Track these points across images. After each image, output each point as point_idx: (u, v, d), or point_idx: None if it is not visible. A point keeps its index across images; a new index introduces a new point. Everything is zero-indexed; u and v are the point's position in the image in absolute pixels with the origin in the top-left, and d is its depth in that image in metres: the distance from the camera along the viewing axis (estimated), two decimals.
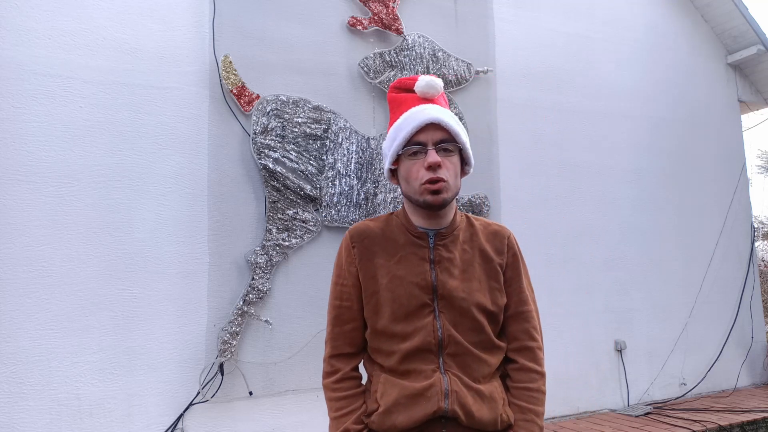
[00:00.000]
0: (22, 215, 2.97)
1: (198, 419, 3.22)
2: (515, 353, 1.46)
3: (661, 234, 4.92)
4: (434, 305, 1.40)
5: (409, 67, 3.94)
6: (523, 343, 1.46)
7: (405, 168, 1.42)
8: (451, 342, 1.38)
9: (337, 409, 1.43)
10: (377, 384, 1.42)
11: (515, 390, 1.43)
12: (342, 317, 1.47)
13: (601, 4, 4.95)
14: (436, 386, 1.35)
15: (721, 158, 5.37)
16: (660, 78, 5.15)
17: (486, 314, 1.42)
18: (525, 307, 1.49)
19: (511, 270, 1.50)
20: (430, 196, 1.38)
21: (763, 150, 16.40)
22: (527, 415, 1.40)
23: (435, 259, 1.43)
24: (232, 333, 3.28)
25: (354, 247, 1.47)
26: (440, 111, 1.42)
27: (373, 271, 1.44)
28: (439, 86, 1.47)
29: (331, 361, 1.47)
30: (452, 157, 1.42)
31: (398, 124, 1.43)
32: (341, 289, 1.48)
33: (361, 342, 1.48)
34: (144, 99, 3.29)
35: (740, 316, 5.18)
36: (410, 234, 1.46)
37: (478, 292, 1.42)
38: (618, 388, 4.53)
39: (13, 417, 2.86)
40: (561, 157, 4.56)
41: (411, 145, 1.40)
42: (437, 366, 1.38)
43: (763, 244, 10.74)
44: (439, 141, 1.40)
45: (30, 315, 2.93)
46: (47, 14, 3.12)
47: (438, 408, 1.33)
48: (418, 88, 1.46)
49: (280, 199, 3.50)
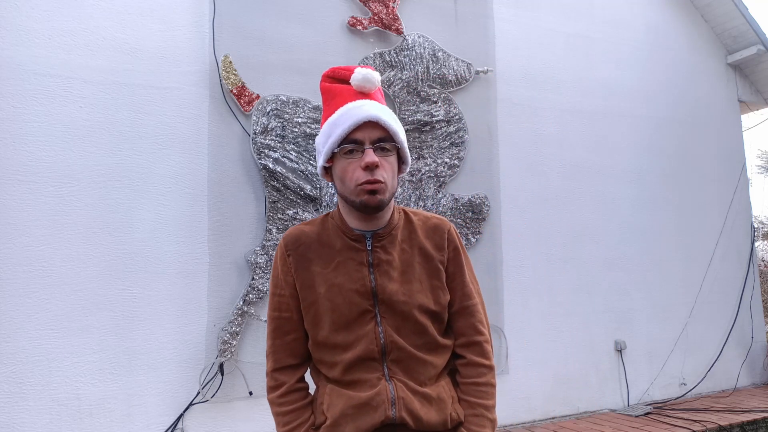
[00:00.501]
0: (22, 215, 2.97)
1: (198, 419, 3.22)
2: (462, 349, 1.43)
3: (661, 234, 4.92)
4: (375, 311, 1.36)
5: (409, 67, 3.94)
6: (469, 338, 1.43)
7: (340, 167, 1.35)
8: (394, 348, 1.35)
9: (284, 423, 1.38)
10: (323, 395, 1.38)
11: (464, 386, 1.41)
12: (282, 328, 1.42)
13: (601, 4, 4.95)
14: (382, 394, 1.32)
15: (721, 158, 5.36)
16: (660, 78, 5.15)
17: (429, 315, 1.38)
18: (469, 301, 1.44)
19: (453, 265, 1.44)
20: (366, 196, 1.31)
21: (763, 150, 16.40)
22: (477, 409, 1.38)
23: (374, 262, 1.38)
24: (232, 333, 3.28)
25: (289, 256, 1.40)
26: (378, 108, 1.35)
27: (310, 280, 1.38)
28: (376, 80, 1.39)
29: (275, 375, 1.42)
30: (390, 156, 1.36)
31: (333, 120, 1.35)
32: (279, 300, 1.42)
33: (304, 352, 1.43)
34: (144, 99, 3.29)
35: (740, 316, 5.18)
36: (347, 237, 1.40)
37: (419, 294, 1.38)
38: (618, 388, 4.53)
39: (13, 417, 2.86)
40: (561, 157, 4.56)
41: (347, 143, 1.33)
42: (382, 373, 1.34)
43: (763, 244, 10.73)
44: (377, 140, 1.33)
45: (30, 315, 2.93)
46: (47, 14, 3.12)
47: (386, 417, 1.30)
48: (354, 82, 1.38)
49: (280, 199, 3.50)
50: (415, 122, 3.89)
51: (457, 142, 4.06)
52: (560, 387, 4.28)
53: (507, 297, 4.14)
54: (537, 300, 4.29)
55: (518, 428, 3.99)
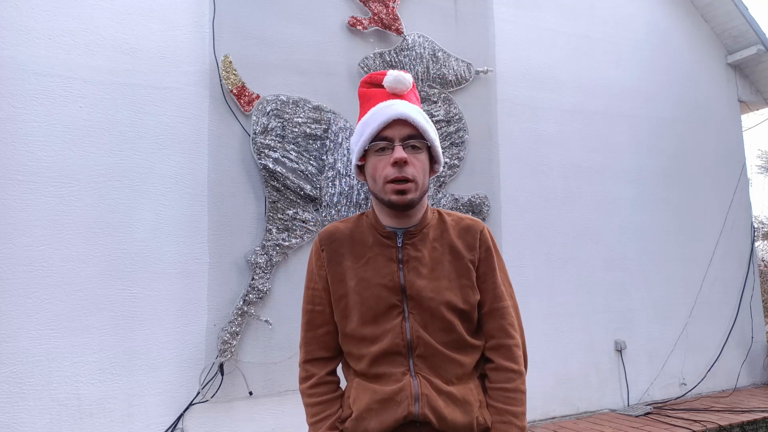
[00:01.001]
0: (22, 215, 2.97)
1: (198, 419, 3.22)
2: (491, 352, 1.42)
3: (661, 234, 4.92)
4: (403, 306, 1.38)
5: (409, 67, 3.94)
6: (498, 340, 1.41)
7: (371, 164, 1.39)
8: (420, 343, 1.36)
9: (313, 414, 1.42)
10: (350, 389, 1.41)
11: (492, 391, 1.39)
12: (314, 321, 1.46)
13: (601, 4, 4.95)
14: (406, 390, 1.33)
15: (721, 158, 5.37)
16: (660, 78, 5.15)
17: (457, 313, 1.38)
18: (500, 303, 1.43)
19: (485, 266, 1.45)
20: (395, 196, 1.35)
21: (763, 150, 16.40)
22: (504, 416, 1.35)
23: (403, 258, 1.40)
24: (232, 333, 3.28)
25: (323, 251, 1.45)
26: (408, 107, 1.39)
27: (341, 274, 1.42)
28: (407, 81, 1.44)
29: (306, 366, 1.47)
30: (420, 154, 1.39)
31: (365, 120, 1.40)
32: (312, 293, 1.47)
33: (336, 345, 1.47)
34: (144, 99, 3.29)
35: (740, 316, 5.18)
36: (378, 234, 1.43)
37: (447, 291, 1.38)
38: (618, 388, 4.53)
39: (13, 417, 2.86)
40: (561, 157, 4.56)
41: (377, 140, 1.37)
42: (407, 369, 1.35)
43: (763, 244, 10.73)
44: (406, 137, 1.37)
45: (30, 315, 2.93)
46: (47, 14, 3.12)
47: (408, 413, 1.31)
48: (386, 83, 1.43)
49: (280, 199, 3.50)
50: None
51: (457, 142, 4.06)
52: (560, 387, 4.28)
53: None
54: (537, 300, 4.29)
55: None
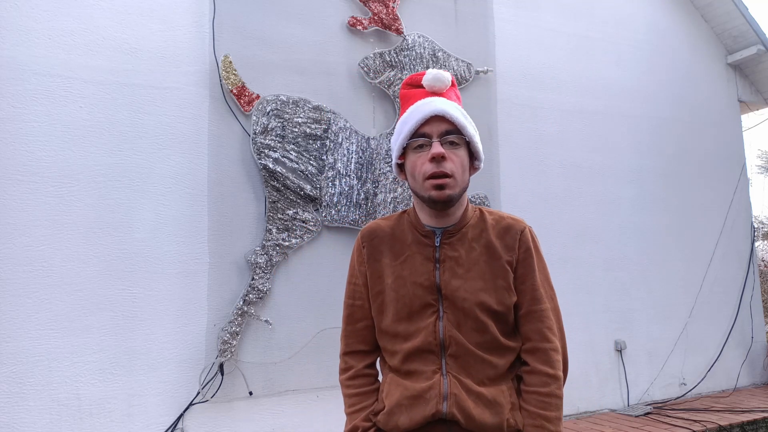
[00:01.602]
0: (22, 215, 2.97)
1: (198, 419, 3.22)
2: (527, 354, 1.41)
3: (661, 234, 4.92)
4: (438, 305, 1.39)
5: (409, 67, 3.94)
6: (534, 344, 1.41)
7: (410, 162, 1.41)
8: (453, 343, 1.36)
9: (350, 405, 1.46)
10: (384, 383, 1.44)
11: (526, 394, 1.38)
12: (354, 315, 1.50)
13: (601, 4, 4.95)
14: (435, 388, 1.34)
15: (721, 158, 5.36)
16: (660, 78, 5.15)
17: (491, 314, 1.38)
18: (539, 305, 1.42)
19: (524, 267, 1.44)
20: (434, 191, 1.36)
21: (763, 150, 16.39)
22: (536, 420, 1.34)
23: (440, 258, 1.41)
24: (232, 333, 3.28)
25: (364, 247, 1.49)
26: (445, 103, 1.40)
27: (380, 270, 1.45)
28: (446, 79, 1.45)
29: (345, 358, 1.51)
30: (458, 150, 1.39)
31: (404, 118, 1.43)
32: (353, 288, 1.51)
33: (374, 340, 1.50)
34: (144, 99, 3.29)
35: (740, 316, 5.18)
36: (417, 232, 1.45)
37: (482, 291, 1.38)
38: (618, 388, 4.53)
39: (13, 417, 2.86)
40: (561, 157, 4.56)
41: (416, 137, 1.39)
42: (439, 367, 1.36)
43: (763, 244, 10.73)
44: (444, 133, 1.38)
45: (30, 315, 2.93)
46: (47, 14, 3.12)
47: (436, 411, 1.32)
48: (425, 82, 1.46)
49: (280, 199, 3.50)
50: None
51: None
52: None
53: None
54: None
55: None
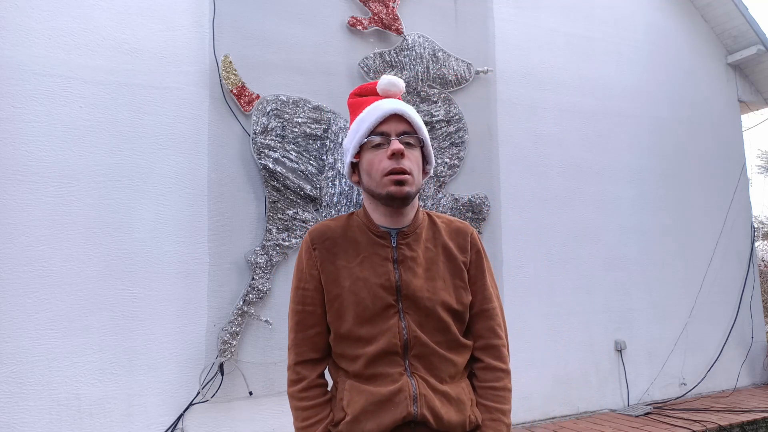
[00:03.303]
0: (22, 215, 2.97)
1: (198, 419, 3.22)
2: (480, 352, 1.44)
3: (661, 234, 4.92)
4: (399, 306, 1.38)
5: (409, 67, 3.94)
6: (488, 341, 1.44)
7: (367, 160, 1.40)
8: (417, 343, 1.36)
9: (303, 419, 1.38)
10: (342, 391, 1.37)
11: (481, 390, 1.42)
12: (305, 322, 1.42)
13: (601, 4, 4.95)
14: (405, 391, 1.32)
15: (721, 158, 5.36)
16: (660, 78, 5.15)
17: (451, 313, 1.40)
18: (489, 304, 1.47)
19: (475, 268, 1.48)
20: (393, 187, 1.34)
21: (763, 150, 16.39)
22: (494, 414, 1.39)
23: (398, 258, 1.40)
24: (232, 333, 3.28)
25: (315, 250, 1.42)
26: (403, 104, 1.42)
27: (335, 273, 1.40)
28: (400, 85, 1.47)
29: (296, 369, 1.42)
30: (414, 150, 1.41)
31: (361, 117, 1.42)
32: (303, 293, 1.43)
33: (326, 347, 1.44)
34: (144, 99, 3.29)
35: (740, 316, 5.18)
36: (372, 233, 1.42)
37: (442, 291, 1.40)
38: (618, 388, 4.53)
39: (13, 417, 2.86)
40: (561, 157, 4.56)
41: (374, 135, 1.39)
42: (403, 369, 1.35)
43: (763, 244, 10.73)
44: (402, 132, 1.39)
45: (30, 315, 2.93)
46: (47, 14, 3.12)
47: (407, 413, 1.30)
48: (380, 86, 1.47)
49: (280, 199, 3.50)
50: None
51: (457, 142, 4.06)
52: (560, 387, 4.28)
53: (507, 297, 4.13)
54: (537, 300, 4.29)
55: (518, 428, 3.99)
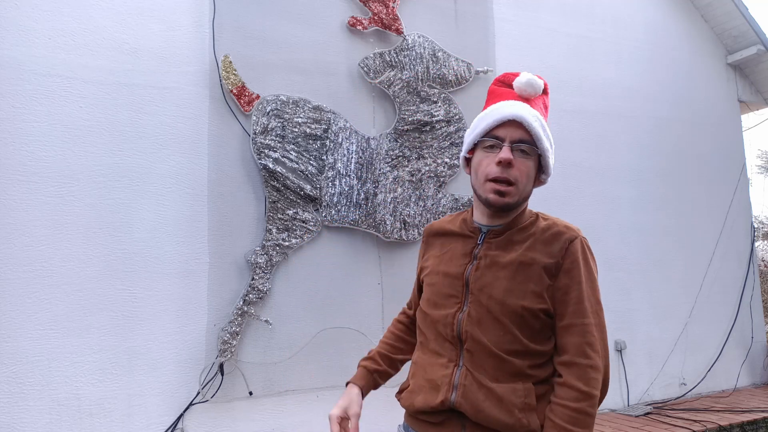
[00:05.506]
0: (22, 215, 2.97)
1: (198, 419, 3.22)
2: (561, 366, 1.35)
3: (661, 234, 4.92)
4: (462, 299, 1.41)
5: (409, 67, 3.94)
6: (571, 357, 1.33)
7: (477, 159, 1.42)
8: (469, 338, 1.37)
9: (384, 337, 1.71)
10: (412, 363, 1.54)
11: (554, 405, 1.32)
12: (413, 298, 1.72)
13: (601, 4, 4.95)
14: (448, 377, 1.37)
15: (721, 158, 5.36)
16: (660, 78, 5.15)
17: (516, 316, 1.35)
18: (582, 319, 1.35)
19: (568, 277, 1.37)
20: (492, 195, 1.37)
21: (763, 150, 16.38)
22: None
23: (478, 255, 1.43)
24: (232, 333, 3.28)
25: (424, 242, 1.64)
26: (526, 110, 1.37)
27: (428, 261, 1.56)
28: (538, 86, 1.43)
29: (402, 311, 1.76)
30: (527, 160, 1.37)
31: (482, 115, 1.43)
32: (418, 272, 1.66)
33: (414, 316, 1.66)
34: (144, 99, 3.29)
35: (740, 316, 5.18)
36: (466, 228, 1.51)
37: (510, 293, 1.36)
38: (618, 388, 4.52)
39: (13, 417, 2.86)
40: (561, 157, 4.55)
41: (488, 137, 1.39)
42: (458, 358, 1.39)
43: (763, 244, 10.73)
44: (517, 140, 1.36)
45: (30, 315, 2.93)
46: (47, 14, 3.12)
47: (445, 398, 1.34)
48: (516, 84, 1.43)
49: (280, 199, 3.50)
50: (415, 122, 3.89)
51: (457, 142, 4.06)
52: None
53: None
54: None
55: None
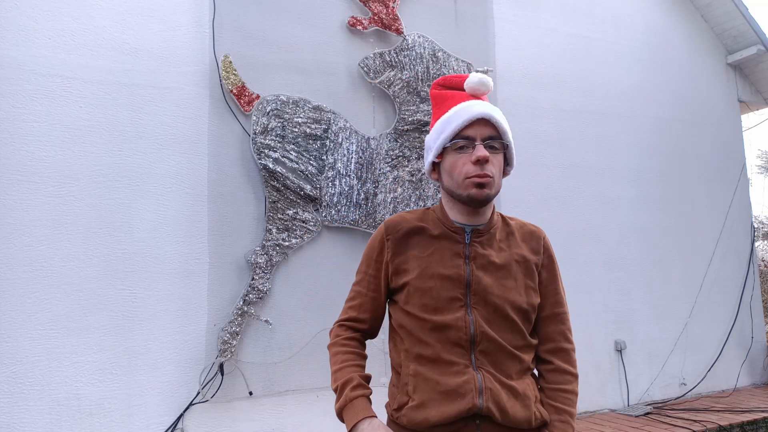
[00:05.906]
0: (22, 215, 2.97)
1: (198, 419, 3.22)
2: (550, 354, 1.47)
3: (661, 234, 4.92)
4: (466, 300, 1.40)
5: (409, 67, 3.94)
6: (558, 344, 1.47)
7: (450, 162, 1.42)
8: (484, 339, 1.38)
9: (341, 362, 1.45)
10: (407, 377, 1.40)
11: (550, 391, 1.44)
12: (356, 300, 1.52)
13: (601, 4, 4.95)
14: (471, 383, 1.34)
15: (721, 158, 5.36)
16: (660, 78, 5.15)
17: (520, 313, 1.42)
18: (561, 308, 1.50)
19: (547, 271, 1.50)
20: (474, 189, 1.38)
21: (763, 150, 16.39)
22: (563, 416, 1.41)
23: (470, 255, 1.43)
24: (232, 333, 3.28)
25: (388, 240, 1.48)
26: (490, 107, 1.42)
27: (405, 263, 1.45)
28: (490, 84, 1.47)
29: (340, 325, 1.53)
30: (497, 155, 1.42)
31: (447, 117, 1.43)
32: (365, 278, 1.52)
33: (370, 329, 1.53)
34: (144, 99, 3.29)
35: (740, 316, 5.18)
36: (446, 228, 1.46)
37: (513, 290, 1.42)
38: (618, 388, 4.53)
39: (13, 417, 2.86)
40: (561, 157, 4.56)
41: (459, 138, 1.40)
42: (469, 362, 1.37)
43: (763, 244, 10.73)
44: (488, 137, 1.40)
45: (30, 315, 2.93)
46: (47, 14, 3.12)
47: (473, 405, 1.32)
48: (469, 84, 1.46)
49: (280, 199, 3.50)
50: (415, 122, 3.89)
51: None
52: None
53: None
54: None
55: None
